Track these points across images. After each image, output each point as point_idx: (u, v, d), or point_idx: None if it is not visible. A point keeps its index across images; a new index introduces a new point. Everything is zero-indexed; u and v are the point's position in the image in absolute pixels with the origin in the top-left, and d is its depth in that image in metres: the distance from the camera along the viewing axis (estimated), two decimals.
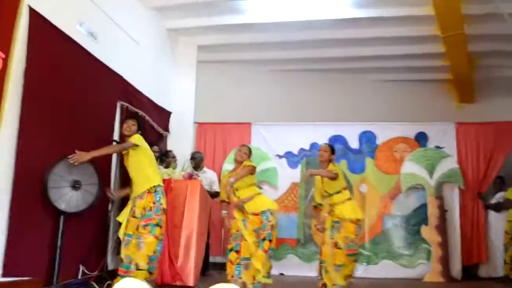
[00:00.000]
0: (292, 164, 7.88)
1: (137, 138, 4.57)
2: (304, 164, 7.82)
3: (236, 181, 4.80)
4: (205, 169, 7.04)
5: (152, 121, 6.81)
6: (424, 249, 7.21)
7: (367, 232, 7.37)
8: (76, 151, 4.36)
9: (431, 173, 7.39)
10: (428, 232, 7.18)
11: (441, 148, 7.60)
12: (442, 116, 8.09)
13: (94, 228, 5.26)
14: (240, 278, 4.66)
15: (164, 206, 4.55)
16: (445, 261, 7.02)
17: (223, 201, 5.12)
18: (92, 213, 4.93)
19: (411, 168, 7.44)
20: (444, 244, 7.09)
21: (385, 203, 7.48)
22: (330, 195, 5.18)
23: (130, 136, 4.63)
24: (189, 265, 5.44)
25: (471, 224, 7.37)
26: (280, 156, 7.88)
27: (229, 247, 4.82)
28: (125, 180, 5.80)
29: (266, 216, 4.83)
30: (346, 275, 5.01)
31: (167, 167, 6.03)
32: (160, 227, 4.46)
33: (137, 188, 4.55)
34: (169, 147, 7.31)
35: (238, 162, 5.04)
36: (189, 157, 6.97)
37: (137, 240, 4.37)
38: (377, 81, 8.84)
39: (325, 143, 5.57)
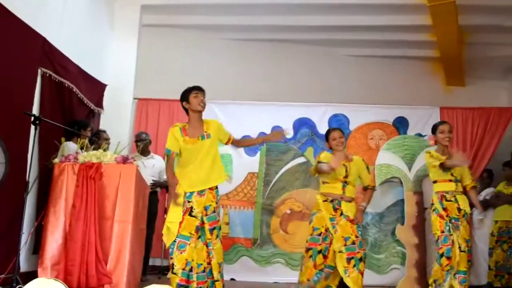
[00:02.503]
0: (250, 151, 7.90)
1: None
2: (264, 151, 7.87)
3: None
4: (152, 154, 7.04)
5: (82, 94, 6.75)
6: (398, 252, 7.38)
7: None
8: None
9: (410, 165, 7.51)
10: (404, 233, 7.28)
11: (423, 136, 7.73)
12: (425, 99, 8.30)
13: (2, 218, 5.13)
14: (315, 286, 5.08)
15: None
16: (421, 266, 7.15)
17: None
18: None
19: (388, 158, 7.56)
20: (422, 247, 7.22)
21: (356, 198, 7.57)
22: (457, 181, 5.32)
23: (202, 111, 4.89)
24: (121, 267, 5.34)
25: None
26: None
27: (318, 248, 5.11)
28: (46, 157, 5.77)
29: (361, 229, 5.17)
30: None
31: (96, 149, 5.95)
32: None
33: (200, 183, 4.67)
34: (101, 127, 7.24)
35: (339, 151, 5.37)
36: (126, 138, 6.98)
37: (205, 247, 4.58)
38: (351, 56, 8.94)
39: (445, 122, 5.73)
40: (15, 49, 5.36)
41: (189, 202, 4.64)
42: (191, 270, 4.54)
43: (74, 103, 6.59)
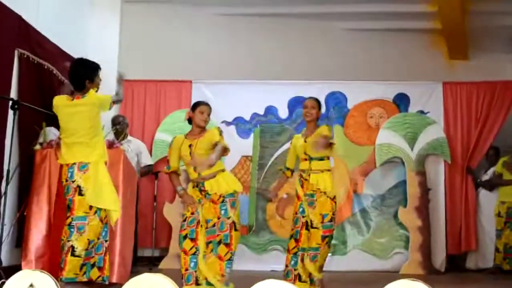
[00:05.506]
0: (243, 133, 7.94)
1: None
2: (258, 133, 7.88)
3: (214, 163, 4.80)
4: (129, 137, 7.06)
5: (62, 76, 6.63)
6: (401, 235, 7.48)
7: None
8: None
9: (412, 143, 7.59)
10: (407, 215, 7.40)
11: (425, 113, 7.79)
12: (427, 74, 8.29)
13: None
14: (195, 271, 4.78)
15: None
16: (426, 249, 7.27)
17: (173, 172, 5.09)
18: None
19: (389, 137, 7.64)
20: (426, 230, 7.33)
21: (356, 180, 7.67)
22: (310, 159, 5.34)
23: None
24: (111, 258, 5.23)
25: (459, 205, 7.62)
26: (228, 123, 7.89)
27: (183, 233, 4.87)
28: (27, 144, 5.71)
29: (226, 208, 4.84)
30: (321, 265, 5.28)
31: None
32: None
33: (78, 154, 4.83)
34: None
35: (200, 127, 5.06)
36: (109, 122, 6.89)
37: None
38: (348, 30, 8.86)
39: (311, 97, 5.68)
40: None
41: (73, 181, 4.68)
42: (93, 247, 4.73)
43: (55, 86, 6.47)
